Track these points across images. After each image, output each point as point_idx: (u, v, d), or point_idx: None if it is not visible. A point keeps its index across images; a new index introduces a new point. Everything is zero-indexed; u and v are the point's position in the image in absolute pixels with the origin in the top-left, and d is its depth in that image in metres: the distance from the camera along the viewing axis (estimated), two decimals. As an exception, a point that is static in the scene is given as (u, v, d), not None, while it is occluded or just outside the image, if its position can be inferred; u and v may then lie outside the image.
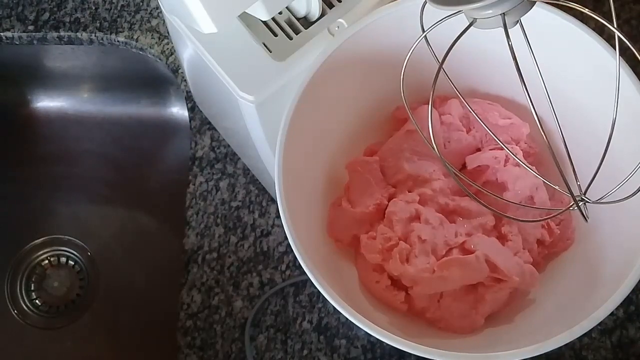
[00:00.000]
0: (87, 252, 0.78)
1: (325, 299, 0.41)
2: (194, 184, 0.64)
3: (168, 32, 0.69)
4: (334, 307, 0.41)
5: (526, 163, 0.39)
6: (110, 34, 0.70)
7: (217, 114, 0.63)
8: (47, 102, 0.81)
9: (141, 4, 0.71)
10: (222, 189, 0.64)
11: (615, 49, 0.39)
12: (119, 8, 0.71)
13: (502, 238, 0.50)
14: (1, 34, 0.71)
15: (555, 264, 0.51)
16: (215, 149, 0.65)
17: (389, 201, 0.50)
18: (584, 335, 0.42)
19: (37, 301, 0.77)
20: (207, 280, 0.60)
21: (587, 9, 0.37)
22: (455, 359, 0.41)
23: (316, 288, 0.42)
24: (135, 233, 0.78)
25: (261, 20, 0.48)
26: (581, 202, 0.39)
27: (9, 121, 0.81)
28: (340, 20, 0.48)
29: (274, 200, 0.63)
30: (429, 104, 0.40)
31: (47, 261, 0.78)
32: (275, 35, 0.48)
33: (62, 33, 0.70)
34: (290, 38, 0.48)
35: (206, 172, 0.64)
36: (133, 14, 0.71)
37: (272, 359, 0.58)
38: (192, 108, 0.67)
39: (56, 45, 0.72)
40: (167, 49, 0.69)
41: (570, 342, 0.41)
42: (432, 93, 0.39)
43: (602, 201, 0.39)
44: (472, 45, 0.43)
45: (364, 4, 0.49)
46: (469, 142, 0.53)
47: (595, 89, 0.48)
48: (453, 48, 0.38)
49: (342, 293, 0.43)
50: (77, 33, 0.70)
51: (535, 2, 0.36)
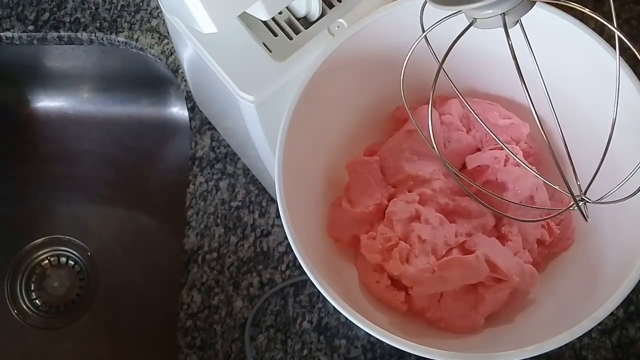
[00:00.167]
0: (87, 252, 0.78)
1: (325, 299, 0.41)
2: (194, 184, 0.64)
3: (168, 32, 0.69)
4: (334, 307, 0.41)
5: (526, 163, 0.39)
6: (110, 34, 0.70)
7: (217, 114, 0.63)
8: (47, 102, 0.81)
9: (141, 4, 0.71)
10: (222, 189, 0.64)
11: (615, 49, 0.39)
12: (119, 8, 0.71)
13: (502, 238, 0.50)
14: (1, 34, 0.71)
15: (555, 264, 0.51)
16: (215, 149, 0.65)
17: (389, 201, 0.50)
18: (584, 335, 0.42)
19: (37, 301, 0.77)
20: (207, 280, 0.60)
21: (587, 9, 0.37)
22: (455, 359, 0.41)
23: (316, 288, 0.42)
24: (135, 233, 0.78)
25: (261, 20, 0.48)
26: (581, 202, 0.39)
27: (9, 121, 0.81)
28: (340, 20, 0.48)
29: (274, 200, 0.63)
30: (429, 104, 0.40)
31: (47, 261, 0.78)
32: (275, 35, 0.48)
33: (62, 33, 0.70)
34: (290, 38, 0.48)
35: (206, 172, 0.64)
36: (133, 14, 0.71)
37: (272, 359, 0.58)
38: (192, 108, 0.67)
39: (56, 45, 0.72)
40: (167, 49, 0.69)
41: (570, 342, 0.41)
42: (432, 93, 0.39)
43: (602, 201, 0.39)
44: (472, 45, 0.43)
45: (364, 4, 0.49)
46: (469, 142, 0.53)
47: (595, 89, 0.48)
48: (453, 48, 0.38)
49: (342, 293, 0.43)
50: (77, 33, 0.70)
51: (535, 2, 0.36)
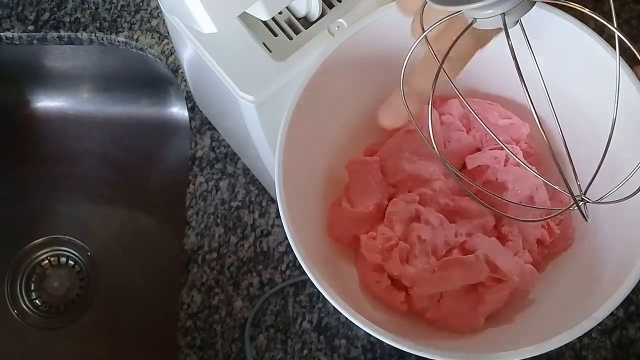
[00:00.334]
0: (87, 252, 0.78)
1: (325, 299, 0.41)
2: (194, 184, 0.64)
3: (168, 32, 0.69)
4: (334, 307, 0.41)
5: (526, 163, 0.39)
6: (110, 34, 0.70)
7: (217, 114, 0.63)
8: (47, 102, 0.81)
9: (141, 4, 0.71)
10: (222, 189, 0.64)
11: (615, 49, 0.39)
12: (119, 8, 0.71)
13: (502, 238, 0.50)
14: (1, 34, 0.71)
15: (555, 264, 0.51)
16: (215, 149, 0.65)
17: (389, 201, 0.50)
18: (584, 335, 0.42)
19: (37, 301, 0.77)
20: (207, 280, 0.60)
21: (587, 9, 0.37)
22: (455, 359, 0.41)
23: (316, 288, 0.42)
24: (135, 233, 0.78)
25: (261, 20, 0.48)
26: (581, 202, 0.39)
27: (9, 121, 0.81)
28: (340, 20, 0.48)
29: (274, 200, 0.63)
30: (429, 104, 0.40)
31: (47, 261, 0.78)
32: (275, 35, 0.48)
33: (62, 33, 0.70)
34: (290, 38, 0.48)
35: (206, 172, 0.64)
36: (133, 14, 0.71)
37: (272, 359, 0.58)
38: (192, 108, 0.67)
39: (56, 45, 0.72)
40: (167, 49, 0.69)
41: (570, 342, 0.41)
42: (432, 93, 0.39)
43: (602, 201, 0.39)
44: (472, 45, 0.43)
45: (364, 4, 0.49)
46: (469, 142, 0.53)
47: (595, 89, 0.48)
48: (453, 48, 0.38)
49: (342, 293, 0.42)
50: (77, 33, 0.70)
51: (535, 2, 0.36)
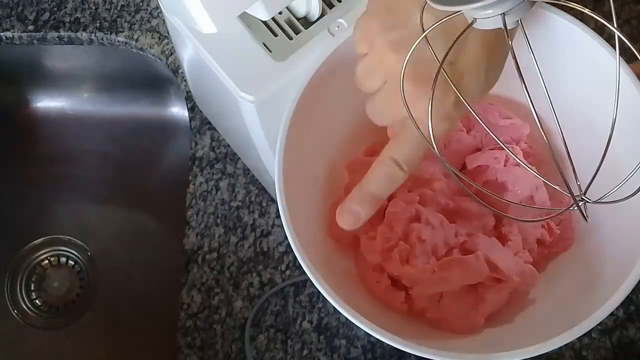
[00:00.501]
0: (87, 252, 0.78)
1: (325, 299, 0.41)
2: (194, 184, 0.64)
3: (168, 32, 0.69)
4: (334, 307, 0.41)
5: (526, 163, 0.39)
6: (110, 34, 0.70)
7: (217, 114, 0.63)
8: (47, 102, 0.81)
9: (141, 4, 0.71)
10: (222, 189, 0.64)
11: (615, 49, 0.39)
12: (119, 8, 0.71)
13: (502, 238, 0.50)
14: (1, 34, 0.71)
15: (555, 264, 0.51)
16: (215, 149, 0.65)
17: (388, 201, 0.50)
18: (584, 335, 0.42)
19: (37, 301, 0.77)
20: (207, 280, 0.60)
21: (587, 9, 0.37)
22: (455, 359, 0.41)
23: (316, 288, 0.42)
24: (135, 233, 0.78)
25: (261, 20, 0.48)
26: (581, 202, 0.39)
27: (9, 121, 0.81)
28: (340, 20, 0.48)
29: (274, 200, 0.63)
30: (429, 104, 0.40)
31: (47, 261, 0.78)
32: (275, 35, 0.48)
33: (62, 33, 0.70)
34: (290, 38, 0.48)
35: (206, 172, 0.64)
36: (133, 14, 0.71)
37: (272, 359, 0.58)
38: (192, 108, 0.67)
39: (56, 45, 0.72)
40: (167, 49, 0.69)
41: (570, 342, 0.41)
42: (432, 93, 0.39)
43: (602, 201, 0.39)
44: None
45: (364, 4, 0.48)
46: (469, 142, 0.53)
47: (595, 88, 0.48)
48: (453, 48, 0.38)
49: (342, 293, 0.42)
50: (77, 33, 0.70)
51: (535, 2, 0.36)
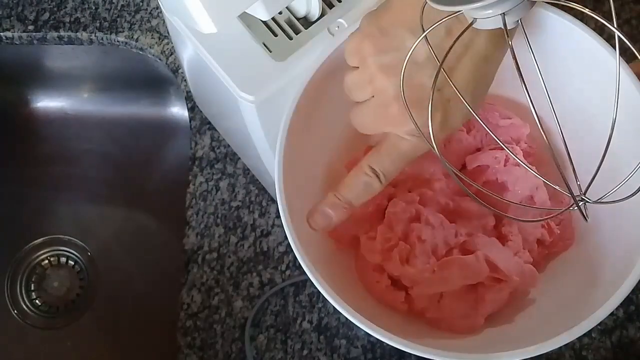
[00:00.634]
0: (87, 252, 0.78)
1: (325, 299, 0.41)
2: (194, 184, 0.64)
3: (168, 32, 0.69)
4: (334, 307, 0.41)
5: (526, 163, 0.39)
6: (110, 34, 0.70)
7: (217, 114, 0.63)
8: (47, 102, 0.81)
9: (141, 4, 0.71)
10: (222, 189, 0.64)
11: (615, 49, 0.39)
12: (119, 8, 0.71)
13: (502, 238, 0.50)
14: (1, 34, 0.71)
15: (555, 264, 0.51)
16: (215, 149, 0.65)
17: (389, 201, 0.50)
18: (584, 335, 0.42)
19: (37, 301, 0.77)
20: (207, 280, 0.60)
21: (587, 9, 0.37)
22: (455, 359, 0.41)
23: (316, 288, 0.42)
24: (135, 233, 0.78)
25: (261, 20, 0.48)
26: (581, 202, 0.39)
27: (9, 121, 0.81)
28: (340, 20, 0.48)
29: (274, 200, 0.63)
30: (429, 103, 0.40)
31: (47, 261, 0.78)
32: (275, 35, 0.48)
33: (62, 33, 0.70)
34: (290, 38, 0.48)
35: (206, 172, 0.64)
36: (133, 14, 0.71)
37: (272, 359, 0.58)
38: (192, 108, 0.67)
39: (56, 45, 0.72)
40: (167, 49, 0.69)
41: (570, 342, 0.41)
42: (432, 93, 0.39)
43: (602, 201, 0.39)
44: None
45: (364, 4, 0.49)
46: (469, 142, 0.53)
47: (595, 88, 0.48)
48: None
49: (342, 293, 0.42)
50: (77, 33, 0.70)
51: (535, 2, 0.36)
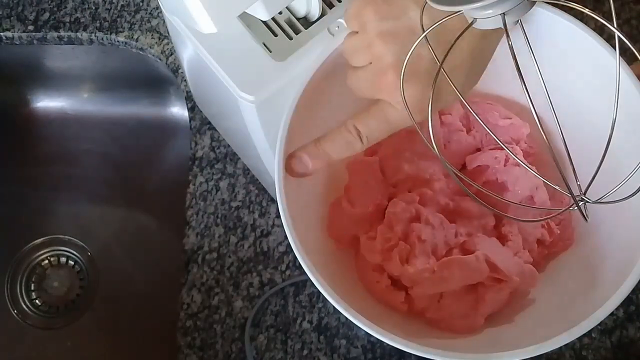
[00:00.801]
0: (87, 252, 0.78)
1: (325, 299, 0.41)
2: (194, 184, 0.64)
3: (168, 32, 0.69)
4: (334, 307, 0.41)
5: (526, 163, 0.39)
6: (110, 34, 0.70)
7: (217, 114, 0.63)
8: (47, 102, 0.81)
9: (141, 4, 0.71)
10: (222, 189, 0.64)
11: (615, 49, 0.39)
12: (119, 8, 0.71)
13: (502, 238, 0.50)
14: (1, 34, 0.71)
15: (555, 264, 0.51)
16: (215, 149, 0.65)
17: (389, 201, 0.50)
18: (584, 335, 0.42)
19: (37, 301, 0.77)
20: (207, 280, 0.60)
21: (587, 9, 0.37)
22: (455, 359, 0.41)
23: (316, 288, 0.42)
24: (135, 233, 0.78)
25: (261, 20, 0.48)
26: (581, 202, 0.39)
27: (9, 121, 0.81)
28: (340, 20, 0.48)
29: (274, 200, 0.63)
30: (429, 104, 0.40)
31: (47, 261, 0.78)
32: (275, 35, 0.48)
33: (62, 33, 0.70)
34: (290, 38, 0.48)
35: (206, 172, 0.64)
36: (133, 14, 0.71)
37: (272, 359, 0.58)
38: (192, 108, 0.67)
39: (56, 45, 0.72)
40: (167, 49, 0.69)
41: (570, 342, 0.41)
42: (432, 93, 0.39)
43: (602, 201, 0.39)
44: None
45: (364, 4, 0.49)
46: (469, 143, 0.53)
47: (595, 89, 0.48)
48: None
49: (342, 293, 0.42)
50: (77, 33, 0.70)
51: (536, 2, 0.36)
